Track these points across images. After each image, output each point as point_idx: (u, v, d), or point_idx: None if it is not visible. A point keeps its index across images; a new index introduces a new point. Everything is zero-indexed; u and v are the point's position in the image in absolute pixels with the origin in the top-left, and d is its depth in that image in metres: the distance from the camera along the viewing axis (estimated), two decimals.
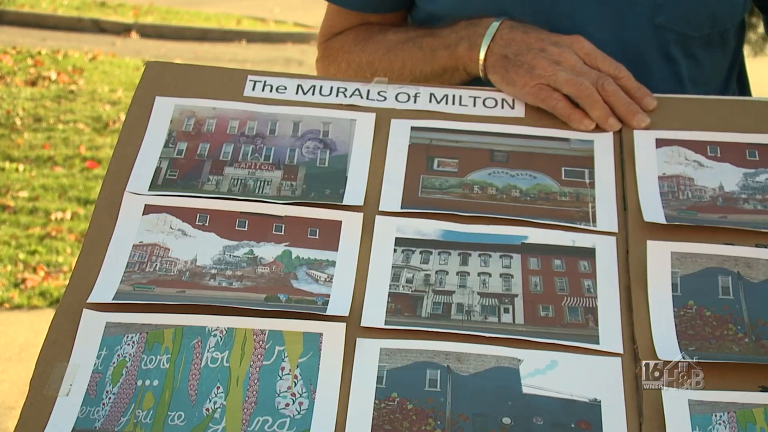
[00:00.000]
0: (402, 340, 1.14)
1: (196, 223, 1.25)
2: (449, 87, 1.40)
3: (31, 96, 6.73)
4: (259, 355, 1.13)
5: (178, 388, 1.11)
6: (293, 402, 1.10)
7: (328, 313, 1.16)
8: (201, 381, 1.11)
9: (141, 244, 1.23)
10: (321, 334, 1.14)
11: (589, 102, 1.33)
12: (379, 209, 1.27)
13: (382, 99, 1.38)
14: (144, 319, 1.15)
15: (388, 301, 1.18)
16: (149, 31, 9.43)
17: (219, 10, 10.39)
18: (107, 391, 1.11)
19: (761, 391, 1.10)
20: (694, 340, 1.13)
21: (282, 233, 1.25)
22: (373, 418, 1.08)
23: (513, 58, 1.36)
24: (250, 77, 1.41)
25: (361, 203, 1.27)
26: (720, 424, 1.07)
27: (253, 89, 1.40)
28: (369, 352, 1.13)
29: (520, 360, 1.12)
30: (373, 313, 1.17)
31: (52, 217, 4.92)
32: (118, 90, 7.05)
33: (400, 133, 1.35)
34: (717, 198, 1.27)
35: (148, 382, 1.11)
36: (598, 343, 1.14)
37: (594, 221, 1.25)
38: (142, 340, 1.14)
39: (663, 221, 1.23)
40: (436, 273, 1.21)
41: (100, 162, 5.65)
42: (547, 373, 1.12)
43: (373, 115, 1.36)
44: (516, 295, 1.19)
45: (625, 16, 1.42)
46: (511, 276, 1.21)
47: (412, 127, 1.35)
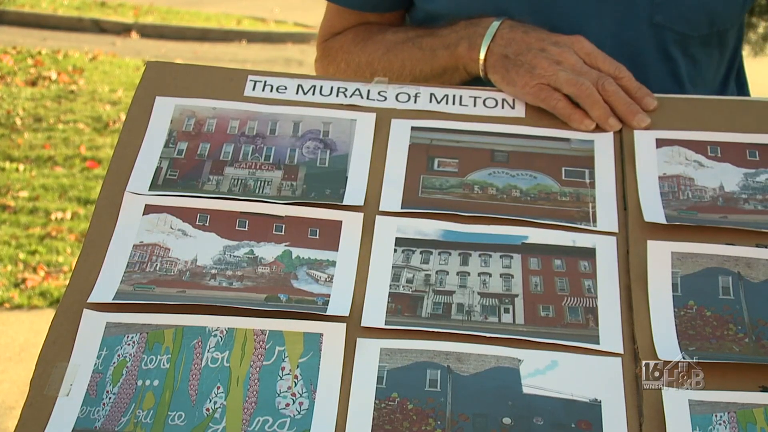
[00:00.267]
0: (402, 340, 1.14)
1: (197, 223, 1.25)
2: (449, 87, 1.40)
3: (31, 96, 6.73)
4: (259, 355, 1.12)
5: (179, 388, 1.11)
6: (293, 402, 1.09)
7: (328, 313, 1.16)
8: (201, 381, 1.11)
9: (141, 244, 1.23)
10: (321, 334, 1.14)
11: (590, 102, 1.33)
12: (380, 209, 1.27)
13: (383, 99, 1.38)
14: (144, 319, 1.15)
15: (388, 301, 1.18)
16: (149, 31, 9.43)
17: (219, 10, 10.39)
18: (107, 391, 1.11)
19: (761, 391, 1.10)
20: (695, 340, 1.13)
21: (282, 233, 1.25)
22: (373, 418, 1.08)
23: (513, 58, 1.36)
24: (250, 77, 1.41)
25: (362, 203, 1.27)
26: (720, 424, 1.07)
27: (253, 89, 1.40)
28: (369, 352, 1.13)
29: (520, 360, 1.12)
30: (374, 313, 1.17)
31: (53, 217, 4.92)
32: (119, 90, 7.05)
33: (400, 133, 1.35)
34: (717, 198, 1.27)
35: (148, 382, 1.11)
36: (598, 343, 1.14)
37: (594, 221, 1.25)
38: (142, 340, 1.14)
39: (663, 221, 1.23)
40: (437, 273, 1.21)
41: (100, 162, 5.65)
42: (548, 373, 1.12)
43: (373, 115, 1.36)
44: (516, 295, 1.19)
45: (623, 15, 1.42)
46: (512, 276, 1.21)
47: (413, 127, 1.35)
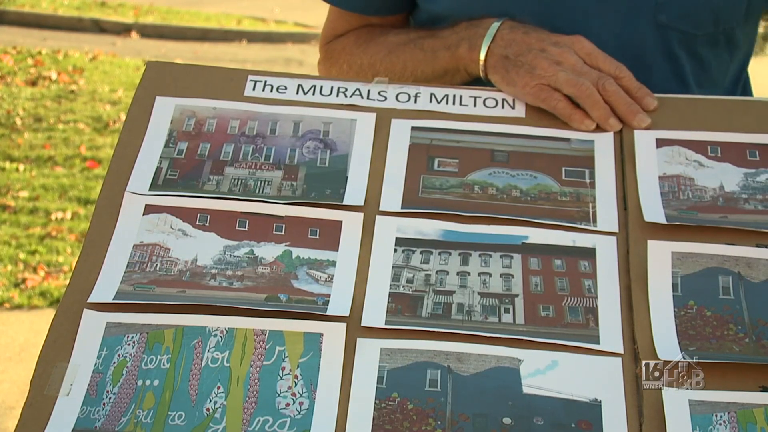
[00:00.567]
0: (402, 340, 1.14)
1: (197, 223, 1.25)
2: (450, 87, 1.40)
3: (31, 96, 6.73)
4: (259, 355, 1.13)
5: (179, 388, 1.11)
6: (294, 402, 1.10)
7: (328, 313, 1.16)
8: (201, 381, 1.11)
9: (141, 244, 1.23)
10: (321, 334, 1.14)
11: (590, 102, 1.33)
12: (380, 209, 1.27)
13: (383, 99, 1.38)
14: (144, 319, 1.15)
15: (388, 301, 1.18)
16: (149, 31, 9.42)
17: (219, 10, 10.39)
18: (107, 391, 1.11)
19: (761, 391, 1.10)
20: (695, 340, 1.13)
21: (282, 233, 1.25)
22: (373, 418, 1.08)
23: (513, 59, 1.36)
24: (250, 77, 1.41)
25: (362, 203, 1.27)
26: (720, 424, 1.07)
27: (253, 89, 1.40)
28: (369, 352, 1.13)
29: (520, 360, 1.12)
30: (374, 313, 1.17)
31: (53, 217, 4.92)
32: (119, 90, 7.05)
33: (400, 133, 1.35)
34: (717, 198, 1.27)
35: (148, 382, 1.11)
36: (598, 343, 1.14)
37: (594, 221, 1.25)
38: (142, 340, 1.14)
39: (663, 221, 1.23)
40: (437, 273, 1.21)
41: (100, 162, 5.65)
42: (548, 373, 1.12)
43: (373, 115, 1.36)
44: (516, 295, 1.19)
45: (626, 15, 1.41)
46: (512, 276, 1.21)
47: (413, 127, 1.35)
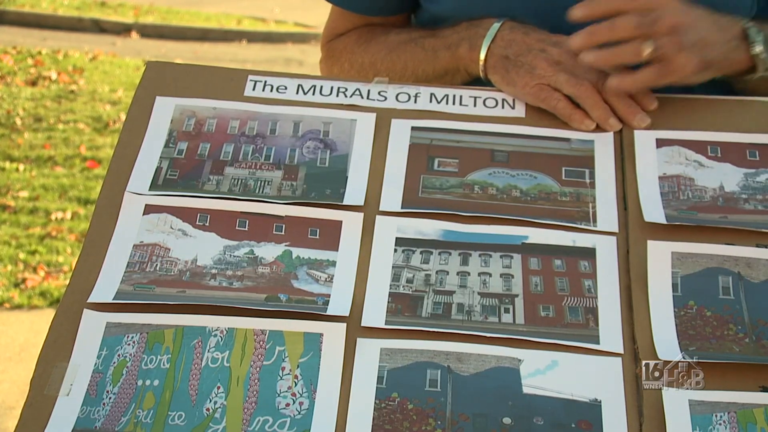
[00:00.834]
0: (402, 340, 1.14)
1: (197, 223, 1.25)
2: (450, 87, 1.40)
3: (31, 96, 6.73)
4: (259, 355, 1.13)
5: (179, 388, 1.11)
6: (294, 402, 1.10)
7: (328, 313, 1.16)
8: (201, 381, 1.11)
9: (141, 244, 1.23)
10: (321, 334, 1.14)
11: (590, 102, 1.33)
12: (380, 209, 1.27)
13: (383, 99, 1.38)
14: (144, 319, 1.15)
15: (388, 301, 1.18)
16: (149, 31, 9.42)
17: (219, 10, 10.39)
18: (107, 391, 1.11)
19: (761, 391, 1.10)
20: (695, 340, 1.13)
21: (282, 233, 1.25)
22: (373, 418, 1.08)
23: (513, 59, 1.36)
24: (250, 77, 1.41)
25: (362, 203, 1.27)
26: (720, 424, 1.07)
27: (253, 89, 1.40)
28: (369, 352, 1.13)
29: (520, 360, 1.12)
30: (374, 313, 1.17)
31: (53, 217, 4.91)
32: (119, 90, 7.04)
33: (400, 133, 1.35)
34: (717, 198, 1.27)
35: (148, 382, 1.11)
36: (598, 343, 1.14)
37: (594, 221, 1.25)
38: (142, 340, 1.14)
39: (663, 221, 1.23)
40: (437, 273, 1.21)
41: (100, 162, 5.64)
42: (548, 373, 1.12)
43: (373, 115, 1.36)
44: (516, 295, 1.19)
45: None
46: (512, 276, 1.21)
47: (413, 127, 1.35)
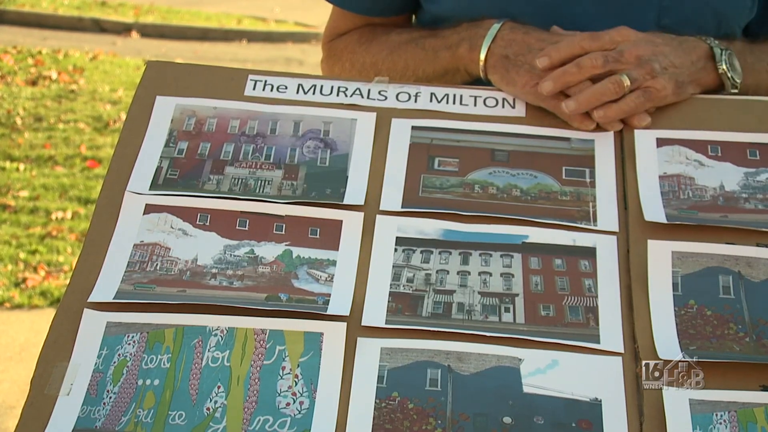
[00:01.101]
0: (403, 339, 1.14)
1: (197, 222, 1.25)
2: (450, 86, 1.40)
3: (31, 95, 6.73)
4: (259, 355, 1.13)
5: (179, 387, 1.11)
6: (294, 401, 1.10)
7: (328, 312, 1.16)
8: (202, 380, 1.11)
9: (142, 244, 1.23)
10: (322, 334, 1.14)
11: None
12: (380, 209, 1.27)
13: (383, 98, 1.38)
14: (145, 319, 1.15)
15: (388, 301, 1.18)
16: (150, 31, 9.42)
17: (219, 10, 10.39)
18: (108, 391, 1.11)
19: (762, 390, 1.10)
20: (695, 339, 1.13)
21: (283, 233, 1.25)
22: (373, 418, 1.08)
23: (514, 59, 1.36)
24: (250, 77, 1.41)
25: (362, 203, 1.27)
26: (721, 424, 1.07)
27: (253, 89, 1.40)
28: (370, 351, 1.13)
29: (520, 359, 1.12)
30: (374, 313, 1.17)
31: (53, 216, 4.91)
32: (119, 89, 7.05)
33: (400, 133, 1.35)
34: (718, 197, 1.27)
35: (148, 382, 1.11)
36: (598, 342, 1.14)
37: (595, 221, 1.25)
38: (142, 340, 1.14)
39: (664, 220, 1.23)
40: (437, 272, 1.21)
41: (100, 161, 5.65)
42: (548, 373, 1.12)
43: (373, 114, 1.36)
44: (517, 295, 1.19)
45: (629, 19, 1.41)
46: (512, 275, 1.21)
47: (413, 127, 1.35)
